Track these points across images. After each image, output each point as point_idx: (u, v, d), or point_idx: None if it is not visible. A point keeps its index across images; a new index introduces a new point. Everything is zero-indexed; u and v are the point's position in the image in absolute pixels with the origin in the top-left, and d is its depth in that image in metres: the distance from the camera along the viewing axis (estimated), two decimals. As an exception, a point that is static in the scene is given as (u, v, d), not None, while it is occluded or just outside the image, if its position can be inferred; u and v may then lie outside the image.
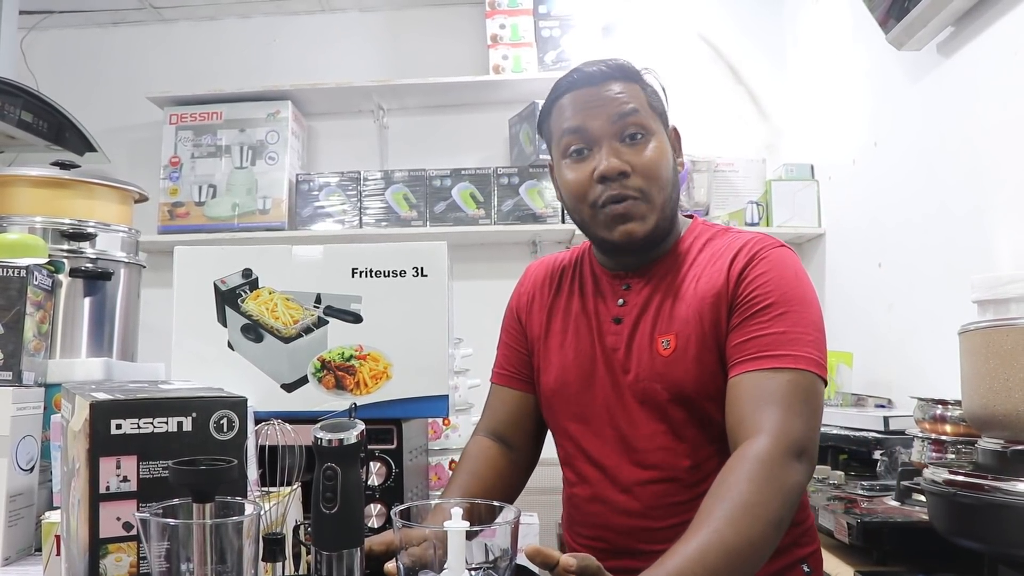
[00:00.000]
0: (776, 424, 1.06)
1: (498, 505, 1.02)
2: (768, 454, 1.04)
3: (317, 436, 0.94)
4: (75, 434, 0.92)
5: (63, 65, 3.45)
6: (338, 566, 0.93)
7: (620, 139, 1.21)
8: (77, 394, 0.94)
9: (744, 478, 1.02)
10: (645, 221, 1.21)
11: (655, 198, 1.21)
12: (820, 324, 1.17)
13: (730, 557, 0.95)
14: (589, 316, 1.31)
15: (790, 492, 1.04)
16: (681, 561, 0.93)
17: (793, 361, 1.11)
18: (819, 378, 1.12)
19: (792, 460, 1.05)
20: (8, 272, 1.34)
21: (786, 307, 1.15)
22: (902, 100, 2.29)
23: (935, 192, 2.11)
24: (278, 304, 1.39)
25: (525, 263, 1.53)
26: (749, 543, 0.97)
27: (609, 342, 1.26)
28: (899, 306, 2.32)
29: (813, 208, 2.93)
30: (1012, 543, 1.16)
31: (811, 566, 1.25)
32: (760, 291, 1.17)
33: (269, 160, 3.11)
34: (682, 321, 1.20)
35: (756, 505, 1.00)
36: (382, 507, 1.34)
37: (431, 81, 3.12)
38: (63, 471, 1.04)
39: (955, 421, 1.59)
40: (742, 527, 0.97)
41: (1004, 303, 1.36)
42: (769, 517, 1.00)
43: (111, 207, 1.72)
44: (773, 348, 1.12)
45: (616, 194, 1.20)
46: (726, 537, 0.96)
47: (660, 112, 1.27)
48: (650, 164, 1.21)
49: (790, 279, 1.18)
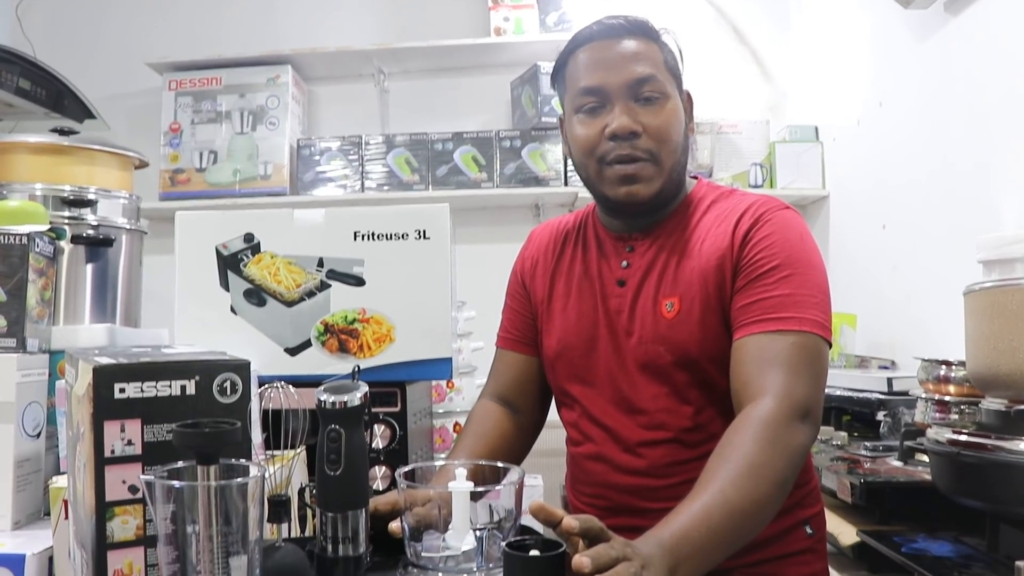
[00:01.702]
0: (781, 386, 1.07)
1: (502, 466, 1.03)
2: (773, 416, 1.04)
3: (321, 398, 0.94)
4: (79, 399, 0.92)
5: (60, 31, 3.41)
6: (343, 527, 0.94)
7: (635, 99, 1.20)
8: (80, 359, 0.94)
9: (749, 439, 1.02)
10: (651, 183, 1.21)
11: (664, 161, 1.21)
12: (825, 286, 1.17)
13: (734, 517, 0.95)
14: (592, 278, 1.30)
15: (794, 453, 1.04)
16: (686, 520, 0.93)
17: (797, 323, 1.11)
18: (823, 340, 1.12)
19: (796, 422, 1.05)
20: (9, 239, 1.34)
21: (791, 269, 1.14)
22: (908, 60, 2.26)
23: (940, 153, 2.09)
24: (280, 268, 1.39)
25: (528, 226, 1.53)
26: (753, 503, 0.98)
27: (612, 304, 1.26)
28: (903, 267, 2.31)
29: (817, 170, 2.91)
30: (1014, 502, 1.16)
31: (814, 527, 1.25)
32: (765, 253, 1.16)
33: (270, 125, 3.09)
34: (686, 283, 1.20)
35: (761, 466, 1.00)
36: (387, 469, 1.35)
37: (432, 44, 3.09)
38: (68, 436, 1.05)
39: (959, 382, 1.59)
40: (747, 488, 0.98)
41: (1010, 263, 1.35)
42: (774, 478, 1.00)
43: (111, 173, 1.71)
44: (778, 310, 1.12)
45: (626, 154, 1.20)
46: (730, 497, 0.96)
47: (676, 75, 1.26)
48: (662, 127, 1.20)
49: (795, 241, 1.18)
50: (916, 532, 1.40)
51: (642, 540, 0.89)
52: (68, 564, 1.05)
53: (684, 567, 0.89)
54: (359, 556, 0.95)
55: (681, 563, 0.89)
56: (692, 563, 0.91)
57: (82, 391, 0.90)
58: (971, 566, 1.23)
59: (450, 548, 0.93)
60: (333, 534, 0.94)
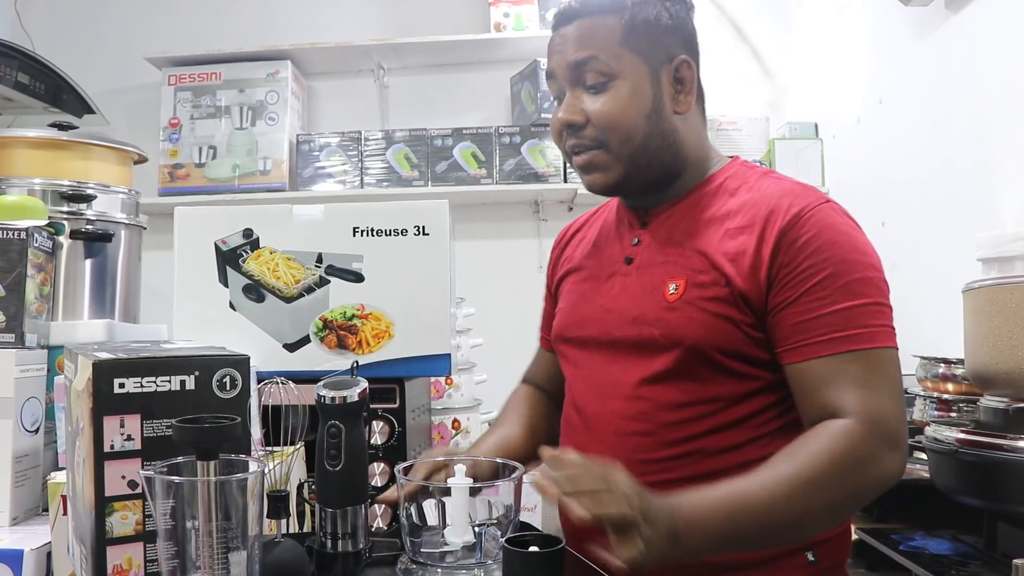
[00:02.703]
0: (866, 408, 0.98)
1: (501, 463, 1.03)
2: (859, 438, 0.96)
3: (320, 394, 0.94)
4: (78, 394, 0.92)
5: (59, 26, 3.41)
6: (342, 523, 0.94)
7: (582, 85, 1.13)
8: (80, 354, 0.94)
9: (827, 450, 0.95)
10: (607, 172, 1.14)
11: (616, 147, 1.12)
12: (884, 285, 1.08)
13: (763, 522, 0.92)
14: (602, 256, 1.24)
15: (876, 483, 0.97)
16: (715, 500, 0.91)
17: (870, 339, 1.03)
18: (896, 350, 1.05)
19: (885, 449, 0.97)
20: (8, 234, 1.34)
21: (847, 276, 1.04)
22: (908, 57, 2.26)
23: (940, 150, 2.09)
24: (279, 264, 1.39)
25: (527, 223, 1.53)
26: (793, 518, 0.93)
27: (615, 283, 1.19)
28: (903, 265, 2.31)
29: (817, 167, 2.91)
30: (1013, 500, 1.16)
31: (818, 555, 1.09)
32: (813, 260, 1.05)
33: (269, 121, 3.09)
34: (697, 268, 1.09)
35: (822, 487, 0.94)
36: (385, 466, 1.35)
37: (432, 40, 3.08)
38: (67, 431, 1.05)
39: (958, 380, 1.59)
40: (795, 500, 0.92)
41: (1009, 261, 1.35)
42: (831, 503, 0.95)
43: (110, 168, 1.70)
44: (845, 327, 1.02)
45: (573, 144, 1.14)
46: (775, 499, 0.92)
47: (646, 45, 1.12)
48: (603, 113, 1.11)
49: (843, 242, 1.07)
50: (914, 530, 1.40)
51: (659, 498, 0.87)
52: (67, 560, 1.05)
53: (686, 542, 0.87)
54: (358, 552, 0.95)
55: (683, 537, 0.86)
56: (696, 543, 0.88)
57: (81, 386, 0.90)
58: (969, 564, 1.23)
59: (449, 544, 0.93)
60: (332, 530, 0.94)
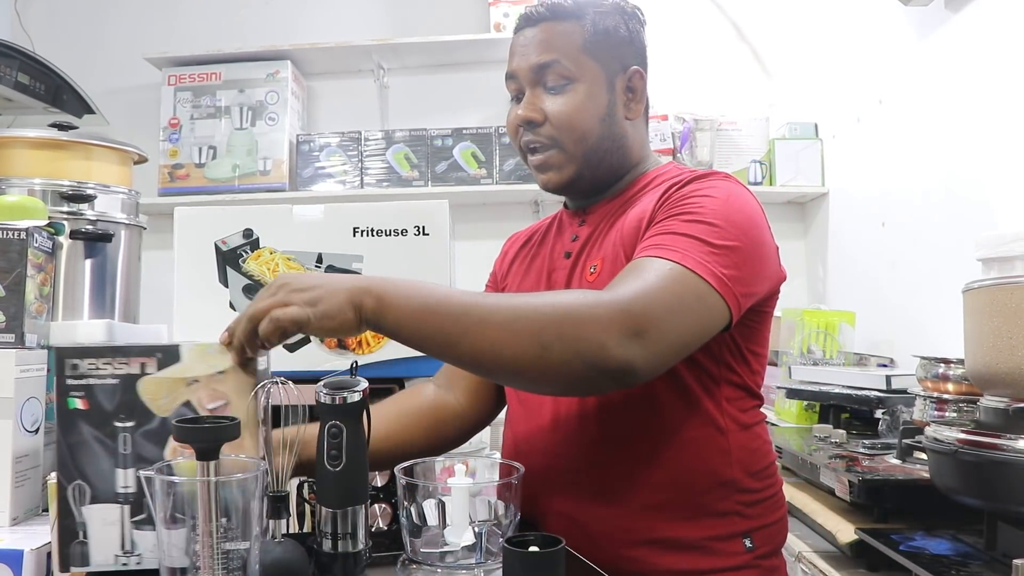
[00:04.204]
0: (629, 291, 0.94)
1: (502, 463, 1.03)
2: (602, 302, 0.92)
3: (321, 394, 0.94)
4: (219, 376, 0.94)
5: (59, 26, 3.41)
6: (343, 523, 0.94)
7: (542, 86, 1.18)
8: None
9: (566, 293, 0.99)
10: (561, 171, 1.19)
11: (570, 148, 1.18)
12: (743, 249, 1.03)
13: (460, 315, 0.92)
14: (544, 256, 1.30)
15: (595, 348, 0.90)
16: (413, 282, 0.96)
17: (680, 257, 0.98)
18: (710, 287, 0.98)
19: (622, 328, 0.91)
20: (8, 234, 1.34)
21: (702, 218, 1.03)
22: (908, 57, 2.26)
23: (940, 150, 2.09)
24: (279, 264, 1.39)
25: (527, 222, 1.53)
26: (496, 329, 0.91)
27: (556, 277, 1.25)
28: (902, 265, 2.31)
29: (817, 167, 2.91)
30: (1013, 500, 1.16)
31: (756, 541, 1.13)
32: (682, 203, 1.07)
33: (269, 121, 3.09)
34: (611, 245, 1.15)
35: (537, 319, 0.91)
36: (386, 466, 1.35)
37: (432, 40, 3.09)
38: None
39: (957, 380, 1.59)
40: (506, 315, 0.92)
41: (1009, 261, 1.35)
42: (535, 337, 0.91)
43: (110, 168, 1.70)
44: (665, 243, 1.01)
45: (528, 140, 1.20)
46: (486, 303, 0.94)
47: (604, 53, 1.18)
48: (561, 113, 1.16)
49: (719, 198, 1.06)
50: (914, 530, 1.40)
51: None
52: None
53: (372, 298, 0.91)
54: (358, 552, 0.95)
55: (370, 293, 0.91)
56: (383, 301, 0.92)
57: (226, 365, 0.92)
58: (969, 564, 1.23)
59: (449, 544, 0.93)
60: (333, 530, 0.94)
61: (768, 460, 1.20)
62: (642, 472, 1.11)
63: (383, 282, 0.94)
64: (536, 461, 1.16)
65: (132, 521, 0.87)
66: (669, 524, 1.10)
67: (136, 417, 0.91)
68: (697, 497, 1.11)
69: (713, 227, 1.02)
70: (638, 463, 1.12)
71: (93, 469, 0.88)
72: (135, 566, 0.85)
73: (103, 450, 0.89)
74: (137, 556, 0.85)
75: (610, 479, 1.12)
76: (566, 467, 1.16)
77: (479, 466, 1.06)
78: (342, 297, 0.91)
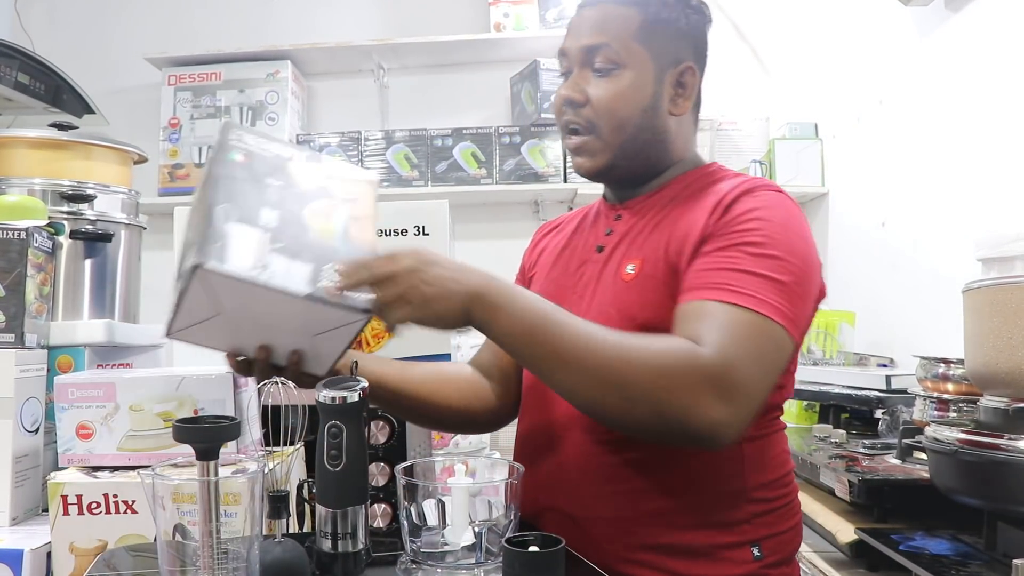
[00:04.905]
0: (721, 347, 0.92)
1: (502, 463, 1.03)
2: (695, 359, 0.91)
3: (321, 394, 0.94)
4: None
5: (59, 26, 3.41)
6: (343, 523, 0.94)
7: (591, 67, 1.15)
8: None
9: (661, 345, 0.94)
10: (595, 157, 1.16)
11: (607, 135, 1.14)
12: (802, 274, 1.02)
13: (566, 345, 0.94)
14: (575, 247, 1.27)
15: (681, 411, 0.91)
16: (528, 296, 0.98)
17: (756, 303, 0.97)
18: (787, 334, 0.98)
19: (712, 389, 0.91)
20: (8, 234, 1.34)
21: (765, 248, 1.01)
22: (909, 57, 2.26)
23: (940, 150, 2.09)
24: (279, 264, 1.38)
25: (527, 223, 1.53)
26: (595, 368, 0.93)
27: (586, 271, 1.21)
28: (902, 265, 2.31)
29: (817, 167, 2.91)
30: (1013, 500, 1.16)
31: (765, 550, 1.09)
32: (741, 227, 1.03)
33: (269, 121, 3.09)
34: (652, 248, 1.11)
35: (629, 363, 0.92)
36: (385, 466, 1.34)
37: (432, 40, 3.09)
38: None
39: (957, 380, 1.59)
40: (598, 350, 0.93)
41: (1009, 261, 1.35)
42: (626, 391, 0.92)
43: (110, 168, 1.70)
44: (737, 286, 0.98)
45: (569, 120, 1.16)
46: (593, 336, 0.95)
47: (658, 43, 1.15)
48: (603, 98, 1.13)
49: (777, 221, 1.04)
50: (914, 530, 1.40)
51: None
52: (66, 560, 1.05)
53: (484, 308, 0.95)
54: (358, 552, 0.95)
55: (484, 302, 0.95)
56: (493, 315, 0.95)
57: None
58: (969, 564, 1.23)
59: (449, 544, 0.93)
60: (333, 530, 0.94)
61: (784, 470, 1.16)
62: (650, 476, 1.09)
63: (498, 293, 0.96)
64: (544, 457, 1.16)
65: (272, 246, 0.92)
66: (673, 530, 1.08)
67: (282, 181, 0.98)
68: (705, 505, 1.08)
69: (778, 261, 1.00)
70: (646, 467, 1.09)
71: (240, 200, 0.94)
72: (264, 280, 0.89)
73: (252, 190, 0.95)
74: (270, 272, 0.90)
75: (616, 480, 1.10)
76: (573, 465, 1.14)
77: (479, 466, 1.06)
78: (457, 302, 0.95)
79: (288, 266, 0.92)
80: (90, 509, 1.10)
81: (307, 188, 1.00)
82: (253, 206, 0.94)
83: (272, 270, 0.91)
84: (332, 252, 0.95)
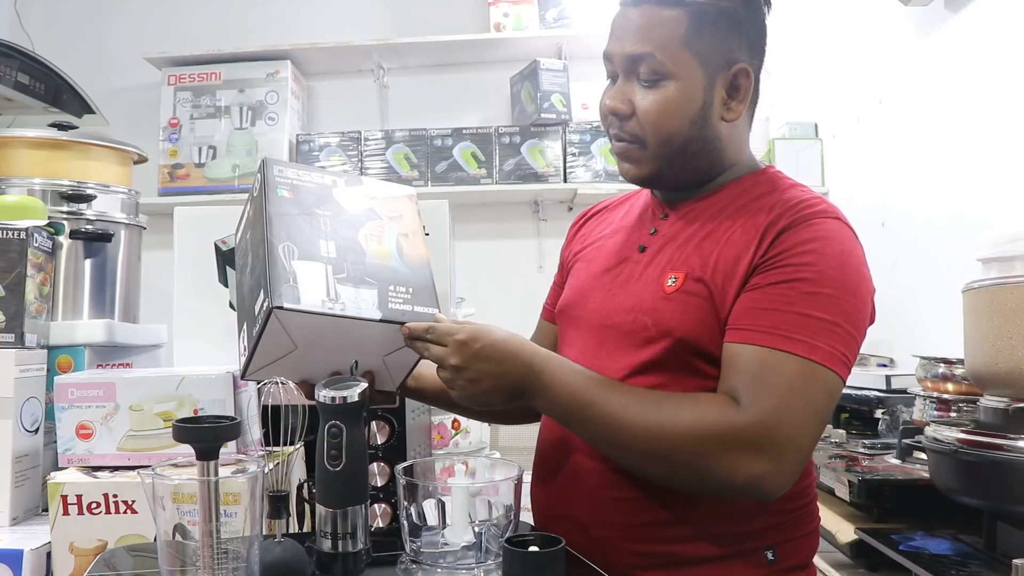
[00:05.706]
0: (764, 409, 0.94)
1: (499, 459, 1.03)
2: (730, 424, 0.94)
3: (321, 394, 0.94)
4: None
5: (59, 26, 3.41)
6: (343, 523, 0.94)
7: (636, 75, 1.09)
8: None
9: (698, 414, 0.96)
10: (640, 166, 1.11)
11: (654, 147, 1.09)
12: (858, 314, 1.01)
13: (603, 422, 0.99)
14: (619, 241, 1.21)
15: (725, 479, 0.94)
16: (576, 372, 1.03)
17: (808, 350, 0.96)
18: (838, 378, 0.97)
19: (754, 453, 0.93)
20: (8, 234, 1.34)
21: (821, 288, 0.99)
22: (908, 56, 2.26)
23: (940, 150, 2.09)
24: (279, 264, 1.38)
25: (527, 223, 1.53)
26: (632, 443, 0.98)
27: (625, 270, 1.16)
28: (902, 265, 2.31)
29: (817, 167, 2.91)
30: (1012, 500, 1.16)
31: (778, 555, 1.07)
32: (796, 261, 1.00)
33: (269, 121, 3.09)
34: (699, 263, 1.07)
35: (669, 442, 0.96)
36: (385, 466, 1.34)
37: (432, 40, 3.09)
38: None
39: (957, 380, 1.59)
40: (645, 435, 0.97)
41: (1009, 261, 1.35)
42: (668, 460, 0.97)
43: (110, 168, 1.70)
44: (791, 329, 0.97)
45: (615, 132, 1.13)
46: (629, 412, 0.98)
47: (707, 47, 1.07)
48: (650, 112, 1.07)
49: (834, 256, 1.01)
50: (914, 530, 1.40)
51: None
52: (66, 559, 1.05)
53: (527, 395, 1.01)
54: (358, 552, 0.95)
55: (527, 392, 1.01)
56: (535, 400, 1.01)
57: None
58: (969, 564, 1.23)
59: (449, 544, 0.93)
60: (333, 530, 0.94)
61: (805, 482, 1.11)
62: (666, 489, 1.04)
63: (539, 383, 1.01)
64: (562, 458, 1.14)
65: (335, 277, 0.99)
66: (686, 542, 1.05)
67: (331, 210, 1.06)
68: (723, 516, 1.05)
69: (831, 299, 0.98)
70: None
71: (298, 237, 1.00)
72: (339, 311, 0.96)
73: (306, 224, 1.02)
74: (341, 303, 0.97)
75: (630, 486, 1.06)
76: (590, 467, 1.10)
77: (479, 466, 1.06)
78: (500, 396, 1.02)
79: (356, 294, 0.98)
80: (90, 509, 1.10)
81: (355, 212, 1.06)
82: (311, 239, 1.00)
83: (343, 301, 0.97)
84: (392, 272, 1.03)
